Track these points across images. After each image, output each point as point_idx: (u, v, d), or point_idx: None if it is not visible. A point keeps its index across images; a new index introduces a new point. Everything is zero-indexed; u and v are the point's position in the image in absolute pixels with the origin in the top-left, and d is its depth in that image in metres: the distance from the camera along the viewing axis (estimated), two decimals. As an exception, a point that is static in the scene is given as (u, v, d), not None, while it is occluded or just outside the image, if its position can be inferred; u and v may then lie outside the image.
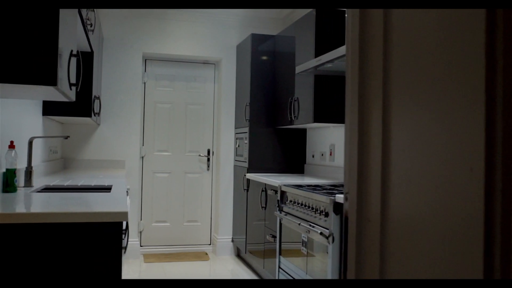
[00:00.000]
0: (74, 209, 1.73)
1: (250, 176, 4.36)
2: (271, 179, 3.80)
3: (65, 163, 4.57)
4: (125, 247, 2.00)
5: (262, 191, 3.99)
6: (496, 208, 0.55)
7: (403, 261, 0.72)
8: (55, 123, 4.08)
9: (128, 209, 1.76)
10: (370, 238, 0.79)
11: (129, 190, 4.48)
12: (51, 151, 3.87)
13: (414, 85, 0.71)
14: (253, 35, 4.53)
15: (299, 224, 2.94)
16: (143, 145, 5.01)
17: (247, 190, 4.49)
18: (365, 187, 0.81)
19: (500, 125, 0.55)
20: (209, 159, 5.19)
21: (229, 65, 5.06)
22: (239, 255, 4.97)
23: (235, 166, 4.97)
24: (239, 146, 4.81)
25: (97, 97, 3.89)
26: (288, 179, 3.76)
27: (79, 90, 2.78)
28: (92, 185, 2.87)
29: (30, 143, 2.66)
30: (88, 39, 3.02)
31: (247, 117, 4.53)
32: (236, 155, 4.94)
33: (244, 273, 4.35)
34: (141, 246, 4.96)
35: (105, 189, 2.81)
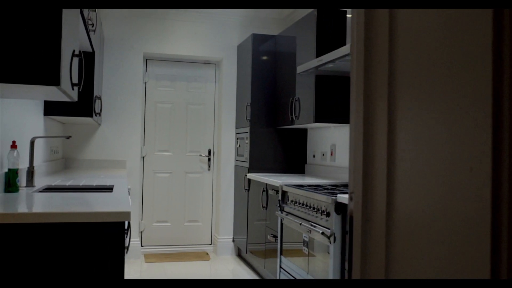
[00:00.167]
0: (76, 209, 1.73)
1: (251, 176, 4.36)
2: (272, 179, 3.80)
3: (66, 163, 4.57)
4: (127, 247, 2.00)
5: (263, 191, 3.99)
6: (503, 207, 0.55)
7: (409, 261, 0.72)
8: (56, 123, 4.08)
9: (130, 209, 1.76)
10: (375, 238, 0.79)
11: (130, 190, 4.47)
12: (52, 151, 3.87)
13: (419, 85, 0.71)
14: (254, 35, 4.53)
15: (300, 224, 2.94)
16: (144, 145, 5.01)
17: (248, 190, 4.49)
18: (370, 187, 0.81)
19: (507, 124, 0.55)
20: (210, 159, 5.19)
21: (230, 65, 5.06)
22: (240, 255, 4.97)
23: (236, 166, 4.97)
24: (240, 146, 4.81)
25: (98, 97, 3.89)
26: (289, 179, 3.76)
27: (81, 90, 2.78)
28: (93, 185, 2.87)
29: (32, 143, 2.66)
30: (89, 39, 3.03)
31: (248, 117, 4.53)
32: (237, 155, 4.94)
33: (245, 273, 4.35)
34: (142, 246, 4.96)
35: (107, 189, 2.81)
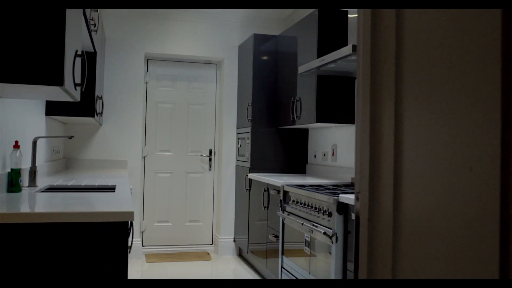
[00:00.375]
0: (80, 209, 1.73)
1: (252, 176, 4.36)
2: (273, 179, 3.80)
3: (67, 163, 4.57)
4: (130, 247, 2.00)
5: (264, 191, 3.99)
6: (512, 207, 0.55)
7: (416, 261, 0.72)
8: (57, 123, 4.08)
9: (134, 209, 1.76)
10: (382, 237, 0.79)
11: (131, 190, 4.48)
12: (53, 151, 3.87)
13: (427, 85, 0.71)
14: (255, 35, 4.53)
15: (302, 224, 2.94)
16: (145, 145, 5.02)
17: (249, 190, 4.50)
18: (377, 187, 0.81)
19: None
20: (211, 159, 5.19)
21: (231, 65, 5.06)
22: (241, 255, 4.97)
23: (237, 166, 4.97)
24: (241, 146, 4.82)
25: (99, 97, 3.89)
26: (290, 179, 3.77)
27: (83, 90, 2.79)
28: (95, 185, 2.87)
29: (34, 143, 2.67)
30: (91, 39, 3.03)
31: (249, 117, 4.54)
32: (238, 155, 4.94)
33: (246, 273, 4.35)
34: (143, 246, 4.96)
35: (109, 189, 2.82)
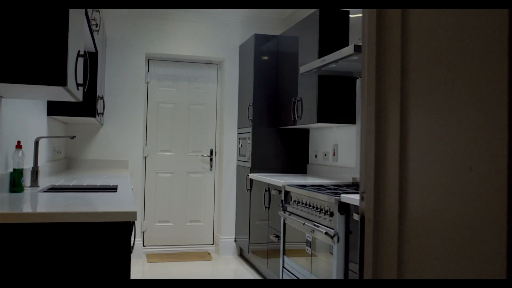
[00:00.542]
0: (82, 209, 1.73)
1: (253, 176, 4.36)
2: (274, 179, 3.80)
3: (69, 163, 4.57)
4: (132, 247, 2.00)
5: (265, 191, 3.99)
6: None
7: (422, 261, 0.72)
8: (59, 123, 4.08)
9: (136, 209, 1.77)
10: (387, 237, 0.79)
11: (132, 190, 4.48)
12: (55, 151, 3.87)
13: (432, 85, 0.71)
14: (256, 35, 4.53)
15: (303, 224, 2.94)
16: (146, 145, 5.02)
17: (250, 190, 4.50)
18: (382, 187, 0.81)
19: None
20: (212, 159, 5.19)
21: (232, 65, 5.06)
22: (241, 255, 4.97)
23: (238, 166, 4.97)
24: (242, 146, 4.82)
25: (100, 97, 3.89)
26: (291, 179, 3.77)
27: (85, 90, 2.79)
28: (97, 185, 2.87)
29: (36, 143, 2.67)
30: (93, 39, 3.03)
31: (250, 117, 4.54)
32: (239, 155, 4.94)
33: (247, 273, 4.35)
34: (144, 246, 4.96)
35: (111, 189, 2.82)
